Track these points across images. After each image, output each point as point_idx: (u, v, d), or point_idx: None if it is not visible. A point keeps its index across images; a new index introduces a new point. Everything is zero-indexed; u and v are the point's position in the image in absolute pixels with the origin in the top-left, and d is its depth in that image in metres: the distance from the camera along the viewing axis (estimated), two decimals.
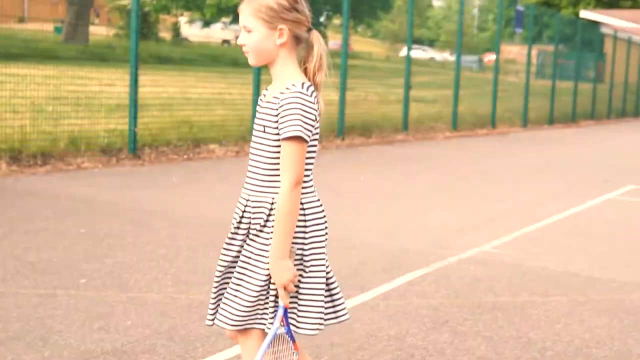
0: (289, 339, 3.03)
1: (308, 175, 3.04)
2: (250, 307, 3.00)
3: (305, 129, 2.89)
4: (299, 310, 3.03)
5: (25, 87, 11.37)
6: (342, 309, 3.13)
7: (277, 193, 2.96)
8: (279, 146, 2.94)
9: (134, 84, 11.69)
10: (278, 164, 2.96)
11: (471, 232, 7.90)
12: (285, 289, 2.93)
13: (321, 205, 3.08)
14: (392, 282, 5.90)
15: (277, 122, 2.92)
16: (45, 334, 4.49)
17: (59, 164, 10.61)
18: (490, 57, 34.27)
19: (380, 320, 5.01)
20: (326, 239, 3.09)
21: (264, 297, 3.00)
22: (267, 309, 3.01)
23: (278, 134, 2.93)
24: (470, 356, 4.47)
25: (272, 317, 2.99)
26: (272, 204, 2.97)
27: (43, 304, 4.99)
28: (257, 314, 3.03)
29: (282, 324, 3.01)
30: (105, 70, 14.36)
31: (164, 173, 10.57)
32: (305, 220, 2.99)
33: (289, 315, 3.04)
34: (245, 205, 3.04)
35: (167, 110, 13.76)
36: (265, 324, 3.01)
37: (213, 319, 3.12)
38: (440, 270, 6.32)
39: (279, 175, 2.95)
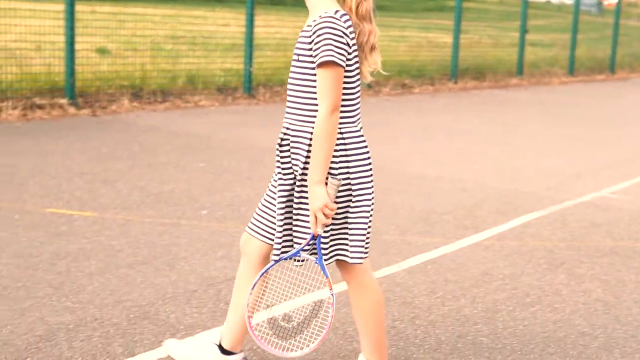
0: (322, 270, 3.00)
1: (351, 106, 2.99)
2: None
3: (337, 53, 2.85)
4: (350, 241, 3.03)
5: (144, 26, 11.67)
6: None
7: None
8: (315, 74, 2.90)
9: (250, 24, 11.82)
10: (316, 93, 2.92)
11: (588, 177, 7.75)
12: (317, 216, 2.90)
13: (362, 135, 3.03)
14: (507, 223, 5.89)
15: (310, 49, 2.89)
16: (171, 259, 4.69)
17: (177, 101, 10.90)
18: (610, 1, 33.01)
19: (495, 260, 5.02)
20: (371, 169, 3.04)
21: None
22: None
23: (313, 62, 2.90)
24: (587, 298, 4.44)
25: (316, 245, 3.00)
26: (312, 133, 2.94)
27: (168, 232, 5.20)
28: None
29: (310, 249, 2.99)
30: (219, 10, 14.55)
31: (278, 112, 10.70)
32: (345, 150, 2.96)
33: (341, 247, 3.04)
34: (285, 134, 3.00)
35: (280, 51, 13.87)
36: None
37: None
38: (556, 213, 6.26)
39: (317, 105, 2.92)
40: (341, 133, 2.95)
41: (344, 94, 2.94)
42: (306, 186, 2.96)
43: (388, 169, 7.57)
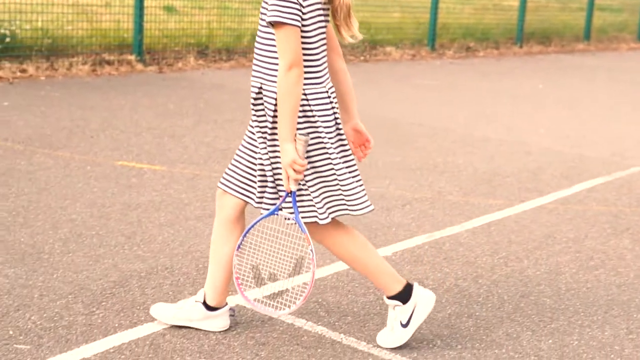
0: (299, 227, 3.05)
1: (315, 67, 3.03)
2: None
3: (282, 12, 2.89)
4: (345, 196, 3.08)
5: None
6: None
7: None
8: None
9: None
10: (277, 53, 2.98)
11: None
12: (288, 173, 2.97)
13: (329, 97, 3.06)
14: (571, 187, 5.86)
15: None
16: None
17: (242, 59, 10.98)
18: None
19: (558, 223, 5.02)
20: (337, 129, 3.08)
21: (305, 189, 3.06)
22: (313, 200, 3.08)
23: None
24: None
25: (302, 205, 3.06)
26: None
27: None
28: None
29: (283, 207, 3.05)
30: None
31: None
32: (311, 110, 3.01)
33: (338, 204, 3.09)
34: (258, 92, 3.05)
35: None
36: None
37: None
38: (622, 179, 6.21)
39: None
40: (305, 94, 2.99)
41: (305, 55, 2.98)
42: (276, 144, 3.02)
43: (451, 131, 7.57)
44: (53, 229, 4.33)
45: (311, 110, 3.01)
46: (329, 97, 3.06)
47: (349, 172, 3.10)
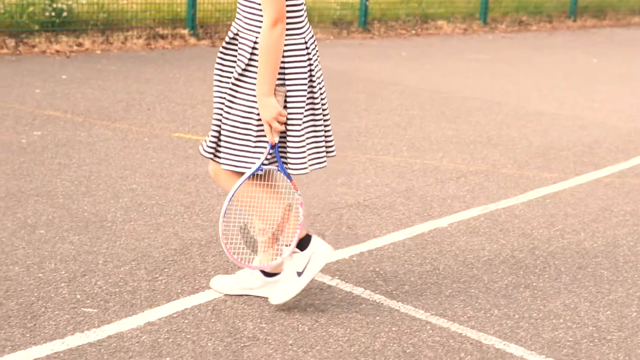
0: (285, 177, 3.11)
1: (296, 18, 3.05)
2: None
3: None
4: (287, 150, 3.10)
5: None
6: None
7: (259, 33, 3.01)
8: None
9: None
10: (260, 5, 2.99)
11: None
12: (271, 126, 3.01)
13: (306, 49, 3.07)
14: (628, 161, 5.81)
15: None
16: None
17: None
18: None
19: (615, 197, 4.99)
20: (310, 81, 3.10)
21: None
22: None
23: None
24: None
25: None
26: (255, 42, 3.01)
27: None
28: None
29: (269, 160, 3.09)
30: None
31: (393, 47, 10.72)
32: (284, 62, 3.03)
33: (282, 154, 3.13)
34: (233, 38, 3.10)
35: None
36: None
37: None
38: None
39: (262, 17, 2.99)
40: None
41: (288, 5, 3.00)
42: (238, 92, 3.05)
43: (505, 105, 7.52)
44: (114, 198, 4.42)
45: (283, 62, 3.04)
46: (307, 48, 3.10)
47: (308, 130, 3.13)
